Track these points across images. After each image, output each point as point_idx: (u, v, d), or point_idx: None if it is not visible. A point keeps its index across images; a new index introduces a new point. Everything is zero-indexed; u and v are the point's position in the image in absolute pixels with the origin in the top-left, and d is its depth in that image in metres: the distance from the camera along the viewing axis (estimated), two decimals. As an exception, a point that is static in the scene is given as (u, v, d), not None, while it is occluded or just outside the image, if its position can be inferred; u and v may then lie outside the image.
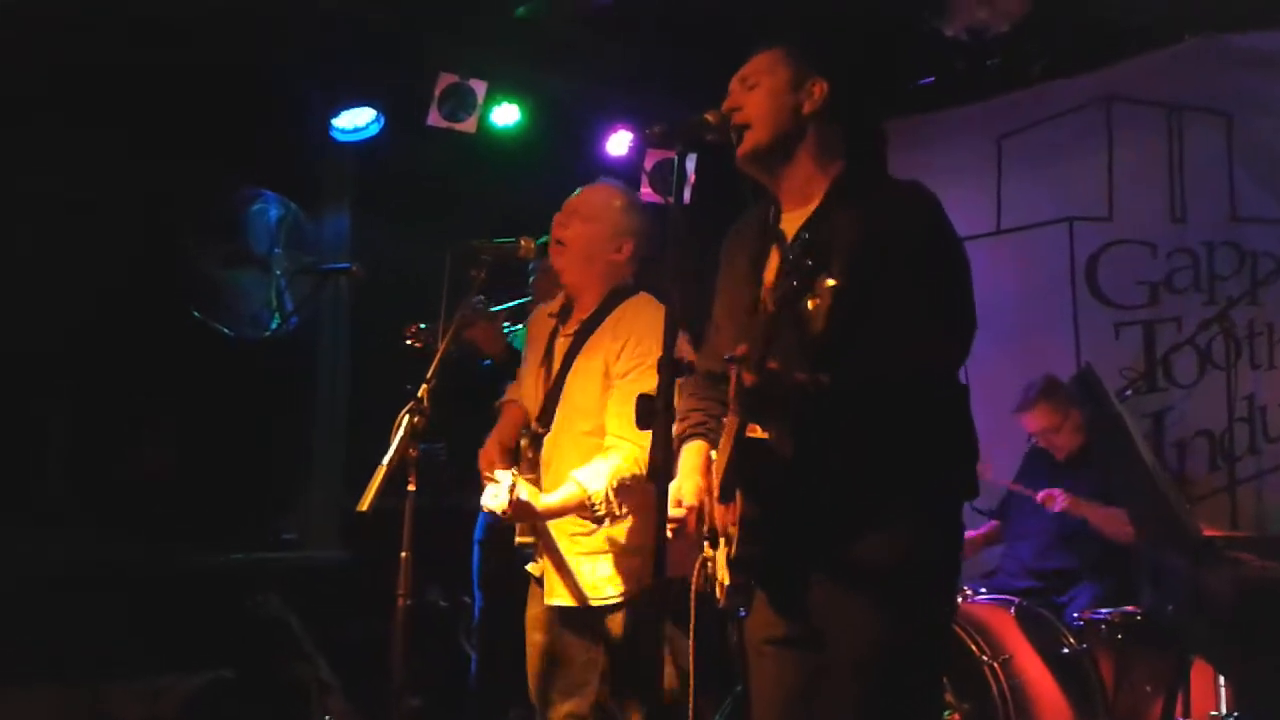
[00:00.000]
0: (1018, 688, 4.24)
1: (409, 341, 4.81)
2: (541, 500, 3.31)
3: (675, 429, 2.67)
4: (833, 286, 2.24)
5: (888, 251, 2.52)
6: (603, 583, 3.42)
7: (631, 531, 3.39)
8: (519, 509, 3.24)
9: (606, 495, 3.26)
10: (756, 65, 2.79)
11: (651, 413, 2.33)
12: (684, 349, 3.27)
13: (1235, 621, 2.72)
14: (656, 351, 3.29)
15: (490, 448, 3.68)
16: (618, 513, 3.29)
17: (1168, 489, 3.06)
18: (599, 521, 3.31)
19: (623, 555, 3.42)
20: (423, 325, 4.82)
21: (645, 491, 3.11)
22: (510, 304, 4.87)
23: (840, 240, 2.35)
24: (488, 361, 4.63)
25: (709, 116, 2.73)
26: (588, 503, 3.27)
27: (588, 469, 3.32)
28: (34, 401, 4.91)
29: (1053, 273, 5.86)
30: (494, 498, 3.25)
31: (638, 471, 3.27)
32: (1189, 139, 5.52)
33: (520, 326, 4.89)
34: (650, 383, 3.24)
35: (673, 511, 2.63)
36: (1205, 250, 5.45)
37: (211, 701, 4.59)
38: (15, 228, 4.82)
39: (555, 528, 3.47)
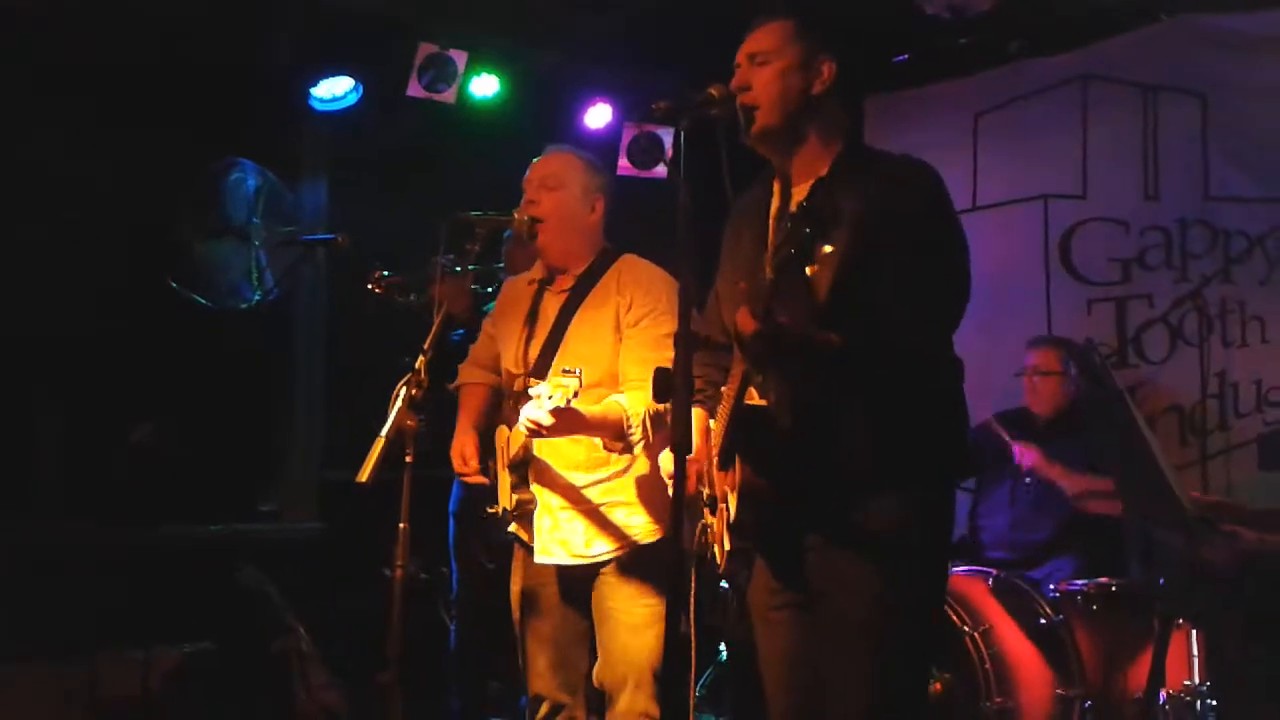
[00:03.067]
0: (998, 658, 4.31)
1: (370, 287, 4.81)
2: (585, 409, 3.24)
3: None
4: (830, 253, 2.25)
5: (890, 220, 2.54)
6: (624, 528, 3.43)
7: (647, 481, 3.41)
8: (562, 416, 3.12)
9: (643, 420, 3.28)
10: (765, 40, 2.75)
11: (669, 387, 2.34)
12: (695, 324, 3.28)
13: (1232, 592, 2.78)
14: (665, 300, 3.39)
15: (463, 440, 3.67)
16: (650, 440, 3.30)
17: (1165, 465, 3.12)
18: (629, 449, 3.32)
19: (642, 503, 3.44)
20: (385, 273, 4.83)
21: (663, 435, 3.16)
22: (478, 267, 4.85)
23: (842, 210, 2.36)
24: (459, 333, 4.63)
25: (713, 91, 2.70)
26: (626, 423, 3.27)
27: (623, 396, 3.34)
28: (16, 377, 4.86)
29: (1027, 249, 5.91)
30: (535, 408, 3.11)
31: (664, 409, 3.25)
32: (1164, 118, 5.56)
33: (490, 289, 4.89)
34: (662, 329, 3.34)
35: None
36: (1178, 228, 5.51)
37: (196, 673, 4.58)
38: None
39: (573, 477, 3.47)
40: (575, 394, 3.08)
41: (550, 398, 3.06)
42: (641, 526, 3.44)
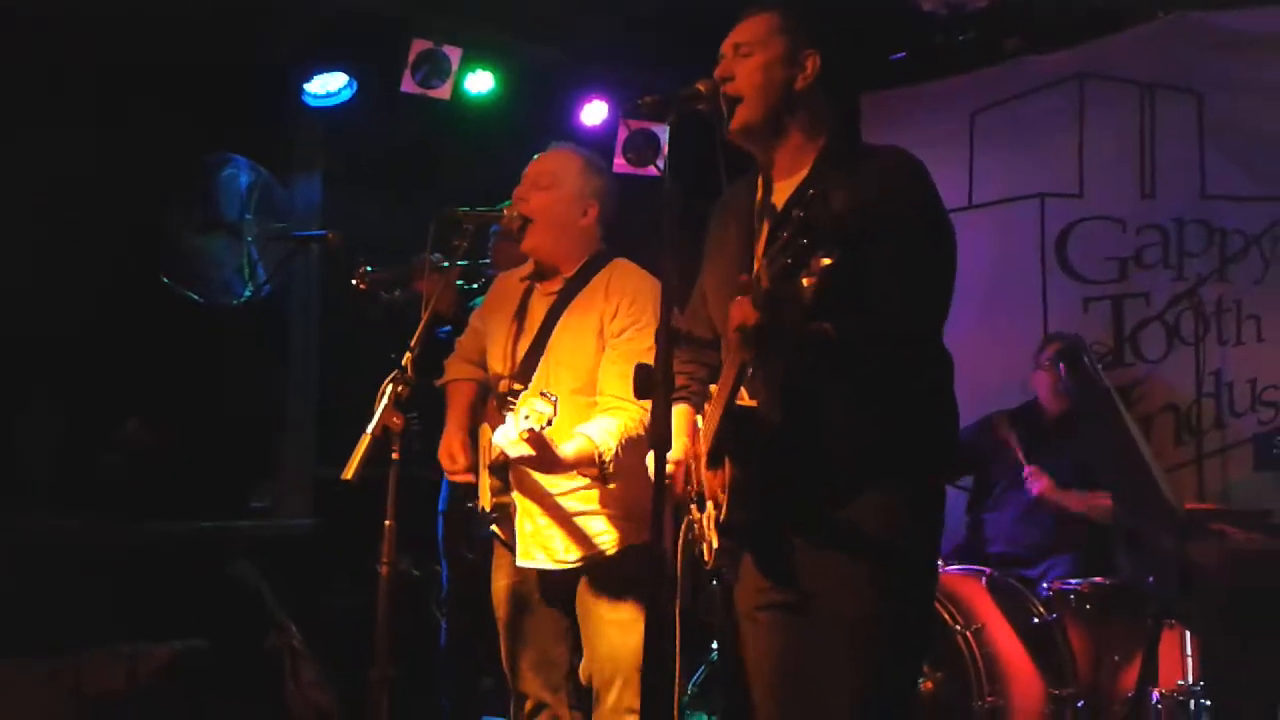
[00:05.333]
0: (990, 656, 4.28)
1: (354, 282, 4.79)
2: (560, 453, 3.21)
3: None
4: (828, 266, 2.23)
5: (876, 218, 2.53)
6: (598, 537, 3.42)
7: (623, 490, 3.36)
8: (537, 447, 3.09)
9: (616, 453, 3.24)
10: (750, 31, 2.74)
11: (650, 384, 2.33)
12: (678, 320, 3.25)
13: (1221, 592, 2.77)
14: (650, 312, 3.34)
15: (450, 439, 3.65)
16: (623, 464, 3.27)
17: (1154, 464, 3.10)
18: (606, 480, 3.28)
19: (618, 512, 3.41)
20: (369, 268, 4.81)
21: (640, 453, 3.10)
22: (465, 263, 4.83)
23: (831, 213, 2.35)
24: (446, 329, 4.61)
25: (700, 86, 2.70)
26: (598, 459, 3.24)
27: (594, 426, 3.29)
28: (8, 373, 4.85)
29: (1023, 248, 5.89)
30: (505, 436, 3.12)
31: (640, 433, 3.26)
32: (1160, 116, 5.54)
33: (475, 285, 4.88)
34: (645, 343, 3.27)
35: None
36: (1175, 227, 5.49)
37: (187, 669, 4.57)
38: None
39: (549, 483, 3.43)
40: (549, 421, 3.04)
41: (526, 418, 3.03)
42: (622, 531, 3.41)
